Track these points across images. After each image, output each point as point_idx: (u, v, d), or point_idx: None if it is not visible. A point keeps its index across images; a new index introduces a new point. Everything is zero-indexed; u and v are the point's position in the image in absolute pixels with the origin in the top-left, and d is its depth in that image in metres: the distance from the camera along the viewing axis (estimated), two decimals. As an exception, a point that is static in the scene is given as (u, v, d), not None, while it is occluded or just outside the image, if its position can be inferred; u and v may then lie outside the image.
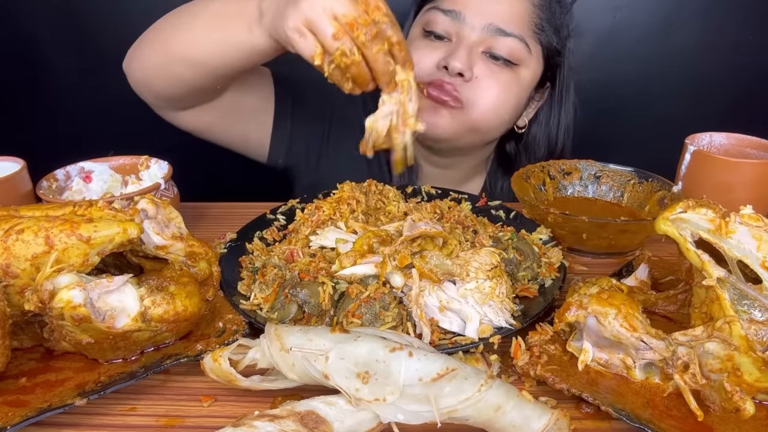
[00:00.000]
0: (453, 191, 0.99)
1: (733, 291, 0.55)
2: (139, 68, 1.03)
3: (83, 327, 0.56)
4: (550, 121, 1.20)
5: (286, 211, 0.93)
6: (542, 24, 1.07)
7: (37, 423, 0.54)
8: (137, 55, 1.03)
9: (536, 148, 1.21)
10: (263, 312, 0.68)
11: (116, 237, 0.60)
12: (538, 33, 1.07)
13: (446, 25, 1.06)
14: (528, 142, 1.21)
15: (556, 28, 1.10)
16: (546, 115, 1.20)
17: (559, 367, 0.59)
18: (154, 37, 1.01)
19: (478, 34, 1.04)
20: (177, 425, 0.56)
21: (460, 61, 1.01)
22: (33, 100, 1.67)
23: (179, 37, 0.96)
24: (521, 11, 1.05)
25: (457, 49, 1.03)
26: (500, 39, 1.03)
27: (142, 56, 1.02)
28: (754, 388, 0.54)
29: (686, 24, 1.57)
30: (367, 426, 0.52)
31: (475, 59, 1.04)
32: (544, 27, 1.07)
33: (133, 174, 0.98)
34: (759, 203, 0.78)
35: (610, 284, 0.65)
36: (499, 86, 1.05)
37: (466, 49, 1.03)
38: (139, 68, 1.03)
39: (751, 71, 1.60)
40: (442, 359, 0.53)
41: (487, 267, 0.69)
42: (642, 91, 1.64)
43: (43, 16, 1.56)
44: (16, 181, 0.89)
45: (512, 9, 1.05)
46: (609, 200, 1.00)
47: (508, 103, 1.08)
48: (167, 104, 1.09)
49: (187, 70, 0.98)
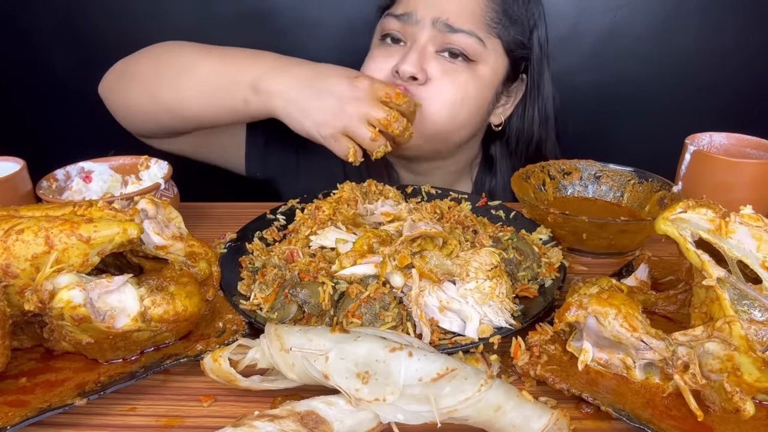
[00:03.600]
0: (453, 191, 0.99)
1: (733, 291, 0.55)
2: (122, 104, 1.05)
3: (83, 327, 0.56)
4: (526, 115, 1.18)
5: (286, 211, 0.92)
6: (498, 17, 1.05)
7: (37, 423, 0.54)
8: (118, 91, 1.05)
9: (517, 144, 1.19)
10: (263, 312, 0.68)
11: (116, 237, 0.60)
12: (495, 27, 1.05)
13: (398, 28, 1.05)
14: (510, 138, 1.20)
15: (515, 19, 1.07)
16: (522, 109, 1.18)
17: (559, 367, 0.59)
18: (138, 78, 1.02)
19: (428, 33, 1.02)
20: (177, 425, 0.56)
21: (410, 64, 1.00)
22: (33, 101, 1.67)
23: (166, 90, 0.98)
24: (472, 6, 1.03)
25: (408, 53, 1.02)
26: (450, 36, 1.01)
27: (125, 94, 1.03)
28: (754, 388, 0.54)
29: (686, 24, 1.56)
30: (367, 426, 0.52)
31: (428, 60, 1.02)
32: (501, 20, 1.05)
33: (133, 174, 0.98)
34: (759, 203, 0.78)
35: (610, 284, 0.65)
36: (453, 86, 1.03)
37: (416, 52, 1.01)
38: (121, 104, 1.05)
39: (751, 71, 1.60)
40: (442, 359, 0.53)
41: (487, 267, 0.69)
42: (642, 91, 1.64)
43: (44, 16, 1.56)
44: (16, 181, 0.89)
45: (462, 5, 1.03)
46: (609, 200, 1.00)
47: (465, 102, 1.04)
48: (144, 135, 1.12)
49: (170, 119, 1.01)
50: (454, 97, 1.03)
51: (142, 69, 1.02)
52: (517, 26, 1.08)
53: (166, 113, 0.99)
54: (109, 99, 1.06)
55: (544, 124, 1.19)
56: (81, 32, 1.56)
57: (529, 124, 1.18)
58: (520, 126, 1.19)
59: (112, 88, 1.05)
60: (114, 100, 1.06)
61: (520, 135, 1.19)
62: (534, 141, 1.20)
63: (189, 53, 1.00)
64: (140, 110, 1.02)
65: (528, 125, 1.18)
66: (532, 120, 1.18)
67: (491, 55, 1.05)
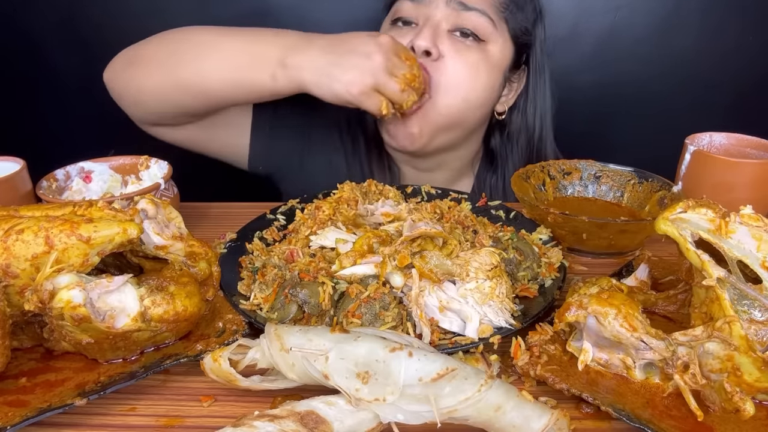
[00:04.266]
0: (453, 191, 0.99)
1: (733, 291, 0.55)
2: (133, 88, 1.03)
3: (83, 327, 0.56)
4: (527, 108, 1.19)
5: (286, 211, 0.93)
6: (506, 2, 1.07)
7: (37, 423, 0.54)
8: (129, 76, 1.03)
9: (517, 137, 1.21)
10: (263, 312, 0.68)
11: (116, 237, 0.60)
12: (503, 11, 1.07)
13: (412, 11, 1.07)
14: (510, 131, 1.21)
15: (521, 6, 1.10)
16: (523, 102, 1.19)
17: (559, 367, 0.59)
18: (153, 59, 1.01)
19: (442, 12, 1.04)
20: (177, 425, 0.56)
21: (424, 39, 1.02)
22: (33, 100, 1.67)
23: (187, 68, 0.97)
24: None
25: (422, 29, 1.04)
26: (463, 14, 1.04)
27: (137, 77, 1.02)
28: (754, 388, 0.54)
29: (686, 24, 1.57)
30: (367, 426, 0.52)
31: (441, 37, 1.04)
32: (509, 5, 1.08)
33: (133, 174, 0.98)
34: (759, 203, 0.78)
35: (610, 284, 0.65)
36: (466, 65, 1.05)
37: (430, 28, 1.04)
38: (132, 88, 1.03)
39: (751, 71, 1.60)
40: (442, 359, 0.53)
41: (487, 267, 0.69)
42: (642, 91, 1.64)
43: (44, 15, 1.56)
44: (16, 181, 0.89)
45: None
46: (609, 200, 1.00)
47: (477, 83, 1.06)
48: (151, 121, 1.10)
49: (188, 98, 1.00)
50: (467, 74, 1.05)
51: (157, 51, 1.01)
52: (523, 13, 1.10)
53: (185, 92, 0.98)
54: (117, 85, 1.04)
55: (543, 118, 1.20)
56: (81, 32, 1.56)
57: (530, 116, 1.20)
58: (520, 119, 1.20)
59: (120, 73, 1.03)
60: (123, 86, 1.04)
61: (520, 127, 1.20)
62: (534, 135, 1.21)
63: (209, 33, 1.00)
64: (155, 92, 1.00)
65: (529, 117, 1.20)
66: (533, 112, 1.19)
67: (499, 36, 1.08)
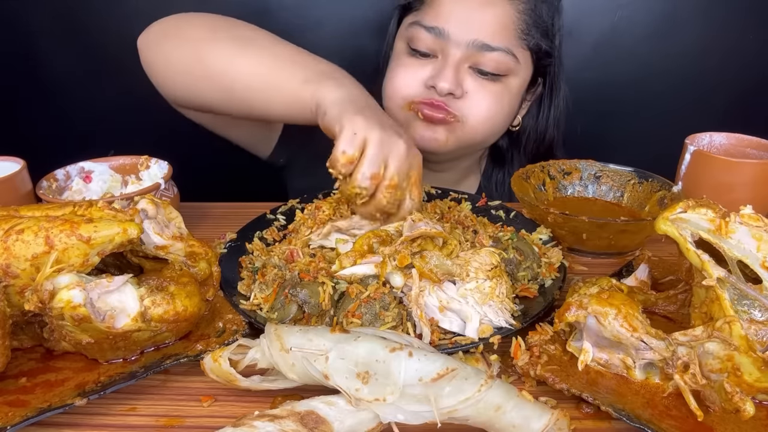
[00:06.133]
0: (453, 191, 0.99)
1: (733, 291, 0.55)
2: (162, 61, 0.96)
3: (83, 327, 0.56)
4: (540, 116, 1.19)
5: (286, 211, 0.93)
6: (529, 29, 1.04)
7: (37, 423, 0.54)
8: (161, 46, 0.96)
9: (527, 141, 1.21)
10: (263, 312, 0.68)
11: (116, 237, 0.60)
12: (526, 39, 1.05)
13: (430, 43, 1.03)
14: (519, 134, 1.21)
15: (545, 30, 1.08)
16: (536, 109, 1.19)
17: (559, 367, 0.59)
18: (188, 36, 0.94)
19: (463, 51, 1.01)
20: (177, 425, 0.56)
21: (447, 81, 1.00)
22: (33, 100, 1.67)
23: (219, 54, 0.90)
24: (506, 21, 1.02)
25: (443, 69, 1.01)
26: (486, 54, 1.01)
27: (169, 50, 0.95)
28: (754, 388, 0.54)
29: (686, 24, 1.56)
30: (367, 426, 0.52)
31: (463, 76, 1.02)
32: (531, 32, 1.05)
33: (133, 174, 0.98)
34: (759, 203, 0.78)
35: (610, 284, 0.65)
36: (490, 98, 1.04)
37: (452, 68, 1.01)
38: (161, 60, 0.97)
39: (751, 71, 1.60)
40: (442, 359, 0.53)
41: (487, 267, 0.69)
42: (642, 91, 1.64)
43: (44, 15, 1.56)
44: (16, 181, 0.88)
45: (496, 21, 1.02)
46: (609, 200, 1.00)
47: (501, 113, 1.08)
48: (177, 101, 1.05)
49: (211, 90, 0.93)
50: (490, 109, 1.05)
51: (196, 29, 0.95)
52: (546, 36, 1.08)
53: (209, 81, 0.92)
54: (148, 53, 0.98)
55: (553, 125, 1.20)
56: (82, 31, 1.56)
57: (543, 123, 1.20)
58: (530, 124, 1.20)
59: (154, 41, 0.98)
60: (153, 55, 0.98)
61: (531, 133, 1.20)
62: (546, 140, 1.21)
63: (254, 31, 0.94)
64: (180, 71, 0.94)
65: (542, 125, 1.20)
66: (546, 119, 1.19)
67: (522, 68, 1.07)
